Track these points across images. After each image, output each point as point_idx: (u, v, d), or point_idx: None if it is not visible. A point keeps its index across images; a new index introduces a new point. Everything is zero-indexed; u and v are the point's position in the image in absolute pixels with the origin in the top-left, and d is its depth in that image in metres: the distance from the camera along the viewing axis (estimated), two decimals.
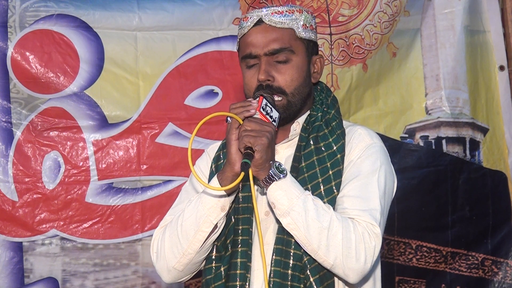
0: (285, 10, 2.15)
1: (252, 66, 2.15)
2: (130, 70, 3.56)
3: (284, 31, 2.13)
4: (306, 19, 2.17)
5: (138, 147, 3.55)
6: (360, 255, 1.97)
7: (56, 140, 3.50)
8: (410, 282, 3.90)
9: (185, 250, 2.11)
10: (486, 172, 4.03)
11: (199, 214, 2.08)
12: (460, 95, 3.99)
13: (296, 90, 2.14)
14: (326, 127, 2.17)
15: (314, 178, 2.09)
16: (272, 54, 2.12)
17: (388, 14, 3.83)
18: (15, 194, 3.45)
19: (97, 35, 3.53)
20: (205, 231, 2.08)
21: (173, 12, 3.58)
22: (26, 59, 3.47)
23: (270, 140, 1.97)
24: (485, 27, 4.07)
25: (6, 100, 3.47)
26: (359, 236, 1.98)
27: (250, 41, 2.14)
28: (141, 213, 3.52)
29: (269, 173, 1.98)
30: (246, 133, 1.97)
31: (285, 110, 2.13)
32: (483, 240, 4.00)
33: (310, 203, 1.99)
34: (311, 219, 1.97)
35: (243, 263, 2.08)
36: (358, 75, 3.80)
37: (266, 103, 2.03)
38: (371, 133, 2.20)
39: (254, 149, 1.95)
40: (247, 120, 2.00)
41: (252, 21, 2.14)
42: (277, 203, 2.00)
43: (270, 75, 2.11)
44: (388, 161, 2.17)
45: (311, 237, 1.97)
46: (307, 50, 2.17)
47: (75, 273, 3.50)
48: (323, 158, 2.12)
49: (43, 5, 3.48)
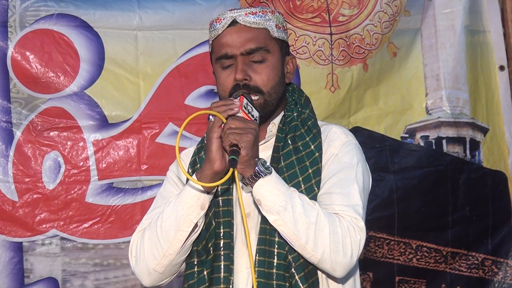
0: (258, 11, 2.17)
1: (227, 66, 2.16)
2: (131, 70, 3.56)
3: (259, 31, 2.15)
4: (278, 19, 2.20)
5: (138, 147, 3.55)
6: (347, 249, 2.00)
7: (56, 140, 3.50)
8: (410, 282, 3.90)
9: (166, 251, 2.12)
10: (486, 172, 4.03)
11: (179, 214, 2.09)
12: (461, 95, 3.99)
13: (273, 89, 2.15)
14: (302, 126, 2.19)
15: (294, 177, 2.11)
16: (248, 54, 2.14)
17: (389, 14, 3.83)
18: (15, 194, 3.45)
19: (97, 35, 3.52)
20: (185, 231, 2.09)
21: (173, 12, 3.58)
22: (26, 58, 3.47)
23: (255, 137, 1.99)
24: (485, 27, 4.07)
25: (6, 100, 3.47)
26: (345, 230, 2.00)
27: (225, 42, 2.15)
28: (141, 213, 3.52)
29: (255, 170, 1.99)
30: (231, 131, 1.98)
31: (262, 109, 2.14)
32: (483, 240, 4.01)
33: (297, 198, 2.01)
34: (298, 214, 1.99)
35: (226, 266, 2.09)
36: (358, 75, 3.80)
37: (247, 102, 2.05)
38: (345, 131, 2.22)
39: (240, 146, 1.96)
40: (231, 118, 2.01)
41: (226, 22, 2.15)
42: (263, 199, 2.01)
43: (247, 74, 2.12)
44: (364, 158, 2.20)
45: (299, 232, 1.99)
46: (281, 50, 2.20)
47: (75, 273, 3.49)
48: (301, 157, 2.14)
49: (43, 4, 3.48)
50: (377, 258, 3.82)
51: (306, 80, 3.73)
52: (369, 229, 3.81)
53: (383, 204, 3.83)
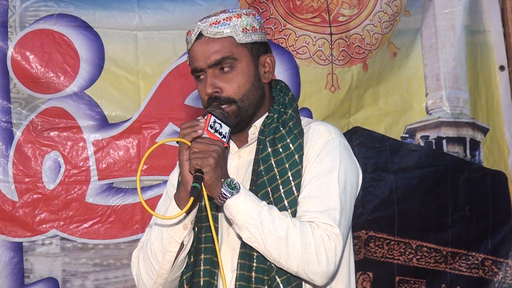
0: (223, 18, 2.14)
1: (201, 78, 2.17)
2: (131, 70, 3.56)
3: (224, 41, 2.13)
4: (247, 22, 2.16)
5: (138, 147, 3.55)
6: (321, 258, 1.98)
7: (56, 140, 3.50)
8: (410, 282, 3.90)
9: (158, 271, 2.15)
10: (486, 172, 4.03)
11: (164, 236, 2.12)
12: (461, 95, 3.99)
13: (245, 95, 2.14)
14: (283, 127, 2.17)
15: (273, 180, 2.10)
16: (216, 65, 2.13)
17: (389, 14, 3.83)
18: (15, 194, 3.45)
19: (97, 35, 3.52)
20: (172, 251, 2.12)
21: (173, 12, 3.58)
22: (26, 59, 3.47)
23: (217, 159, 1.99)
24: (485, 27, 4.07)
25: (6, 100, 3.47)
26: (318, 239, 1.99)
27: (194, 56, 2.16)
28: (141, 213, 3.52)
29: (220, 191, 2.00)
30: (194, 156, 1.99)
31: (237, 116, 2.14)
32: (483, 240, 4.01)
33: (265, 214, 2.00)
34: (267, 230, 1.99)
35: (207, 270, 2.10)
36: (358, 75, 3.80)
37: (214, 120, 2.05)
38: (330, 128, 2.18)
39: (203, 170, 1.98)
40: (194, 141, 2.02)
41: (194, 34, 2.15)
42: (233, 218, 2.02)
43: (216, 87, 2.12)
44: (349, 156, 2.16)
45: (271, 248, 2.00)
46: (251, 53, 2.17)
47: (75, 273, 3.49)
48: (281, 159, 2.12)
49: (43, 4, 3.48)
50: (377, 258, 3.82)
51: (306, 80, 3.73)
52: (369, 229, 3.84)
53: (383, 204, 3.83)
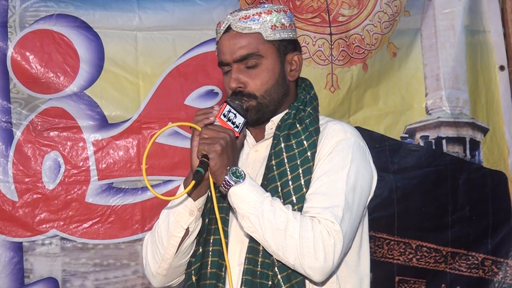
0: (253, 13, 2.15)
1: (227, 72, 2.18)
2: (130, 70, 3.56)
3: (251, 36, 2.14)
4: (277, 19, 2.16)
5: (138, 147, 3.55)
6: (319, 253, 1.98)
7: (56, 140, 3.50)
8: (410, 282, 3.90)
9: (163, 255, 2.17)
10: (486, 172, 4.03)
11: (170, 220, 2.14)
12: (460, 95, 3.99)
13: (267, 92, 2.16)
14: (299, 124, 2.18)
15: (283, 175, 2.11)
16: (241, 61, 2.15)
17: (388, 14, 3.83)
18: (15, 194, 3.45)
19: (97, 35, 3.52)
20: (177, 236, 2.14)
21: (173, 12, 3.58)
22: (26, 59, 3.47)
23: (224, 146, 2.01)
24: (485, 27, 4.07)
25: (6, 100, 3.47)
26: (317, 234, 1.99)
27: (220, 49, 2.18)
28: (141, 213, 3.53)
29: (224, 178, 2.02)
30: (202, 141, 2.02)
31: (257, 111, 2.16)
32: (483, 240, 4.01)
33: (267, 205, 2.02)
34: (267, 221, 2.00)
35: (215, 262, 2.11)
36: (358, 75, 3.80)
37: (229, 110, 2.07)
38: (346, 128, 2.19)
39: (209, 156, 2.00)
40: (205, 127, 2.04)
41: (223, 27, 2.17)
42: (236, 207, 2.04)
43: (240, 82, 2.14)
44: (363, 156, 2.17)
45: (269, 239, 2.01)
46: (278, 51, 2.18)
47: (75, 273, 3.49)
48: (293, 155, 2.13)
49: (43, 5, 3.48)
50: (377, 258, 3.82)
51: None
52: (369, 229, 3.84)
53: (383, 204, 3.83)
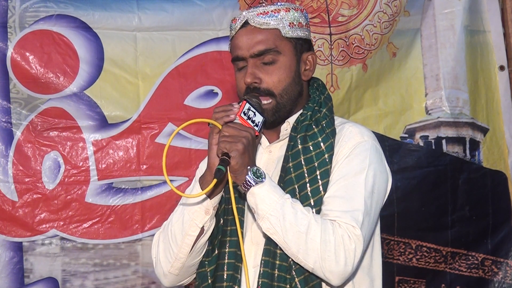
0: (271, 10, 2.14)
1: (241, 68, 2.16)
2: (130, 71, 3.56)
3: (269, 32, 2.13)
4: (294, 17, 2.16)
5: (138, 147, 3.55)
6: (340, 257, 1.97)
7: (56, 140, 3.50)
8: (410, 282, 3.90)
9: (177, 255, 2.14)
10: (486, 172, 4.03)
11: (185, 219, 2.12)
12: (460, 95, 3.99)
13: (284, 90, 2.14)
14: (316, 126, 2.16)
15: (301, 178, 2.09)
16: (258, 56, 2.13)
17: (388, 14, 3.83)
18: (15, 194, 3.46)
19: (96, 36, 3.53)
20: (192, 235, 2.12)
21: (172, 13, 3.58)
22: (26, 59, 3.48)
23: (245, 145, 1.98)
24: (485, 27, 4.07)
25: (6, 100, 3.47)
26: (338, 238, 1.97)
27: (237, 44, 2.16)
28: (141, 213, 3.53)
29: (245, 178, 2.00)
30: (223, 139, 1.99)
31: (275, 112, 2.14)
32: (483, 240, 4.00)
33: (288, 207, 2.00)
34: (288, 223, 1.98)
35: (231, 264, 2.09)
36: (358, 75, 3.80)
37: (249, 108, 2.04)
38: (362, 130, 2.17)
39: (230, 155, 1.97)
40: (226, 125, 2.02)
41: (239, 22, 2.15)
42: (255, 207, 2.02)
43: (256, 77, 2.12)
44: (380, 160, 2.15)
45: (290, 242, 1.98)
46: (295, 49, 2.17)
47: (75, 273, 3.50)
48: (310, 157, 2.11)
49: (43, 5, 3.48)
50: None
51: None
52: None
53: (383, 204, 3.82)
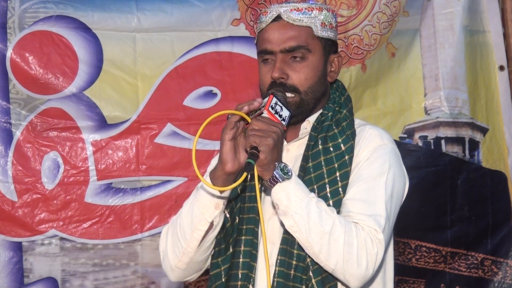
0: (305, 7, 2.13)
1: (267, 61, 2.15)
2: (129, 71, 3.57)
3: (302, 29, 2.13)
4: (326, 17, 2.16)
5: (137, 148, 3.55)
6: (362, 261, 1.96)
7: (56, 140, 3.51)
8: (410, 282, 3.90)
9: (185, 249, 2.13)
10: (486, 172, 4.03)
11: (195, 213, 2.10)
12: (459, 95, 3.98)
13: (310, 89, 2.13)
14: (336, 127, 2.15)
15: (320, 179, 2.08)
16: (288, 52, 2.12)
17: (387, 14, 3.83)
18: (15, 194, 3.46)
19: (96, 36, 3.53)
20: (201, 230, 2.10)
21: (171, 14, 3.58)
22: (25, 60, 3.48)
23: (276, 140, 1.96)
24: (485, 27, 4.06)
25: (5, 100, 3.48)
26: (361, 241, 1.96)
27: (267, 37, 2.14)
28: (140, 213, 3.53)
29: (273, 174, 1.97)
30: (252, 133, 1.96)
31: (297, 107, 2.12)
32: (483, 240, 4.00)
33: (313, 206, 1.98)
34: (313, 222, 1.96)
35: (246, 263, 2.08)
36: (357, 75, 3.80)
37: (276, 102, 2.03)
38: (382, 133, 2.16)
39: (259, 149, 1.94)
40: (255, 119, 1.99)
41: (271, 16, 2.14)
42: (280, 204, 1.99)
43: (284, 73, 2.11)
44: (399, 163, 2.14)
45: (313, 241, 1.97)
46: (324, 49, 2.17)
47: (74, 273, 3.51)
48: (330, 158, 2.10)
49: (42, 6, 3.49)
50: None
51: None
52: None
53: None
